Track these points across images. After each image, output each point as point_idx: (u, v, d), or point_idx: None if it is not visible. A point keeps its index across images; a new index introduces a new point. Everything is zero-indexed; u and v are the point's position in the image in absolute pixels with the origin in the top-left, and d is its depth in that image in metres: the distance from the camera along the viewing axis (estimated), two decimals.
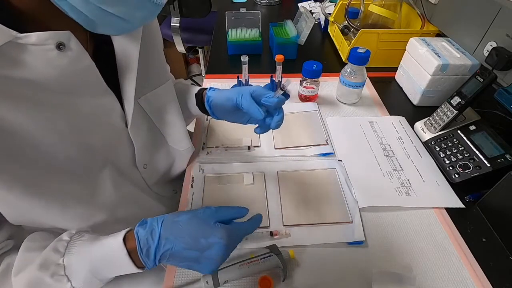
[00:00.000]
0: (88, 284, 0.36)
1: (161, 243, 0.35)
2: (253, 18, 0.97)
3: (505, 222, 0.50)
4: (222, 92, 0.54)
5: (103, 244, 0.37)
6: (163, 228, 0.36)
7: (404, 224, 0.52)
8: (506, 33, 0.58)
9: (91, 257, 0.36)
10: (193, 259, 0.36)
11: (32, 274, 0.35)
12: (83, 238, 0.38)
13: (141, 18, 0.33)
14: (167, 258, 0.36)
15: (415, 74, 0.75)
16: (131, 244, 0.36)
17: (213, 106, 0.54)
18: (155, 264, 0.36)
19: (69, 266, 0.36)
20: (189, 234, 0.36)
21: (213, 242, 0.36)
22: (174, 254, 0.36)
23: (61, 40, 0.32)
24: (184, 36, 1.54)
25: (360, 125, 0.70)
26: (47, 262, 0.36)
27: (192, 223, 0.37)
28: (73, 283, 0.35)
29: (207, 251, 0.36)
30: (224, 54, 0.97)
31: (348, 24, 0.93)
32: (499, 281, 0.45)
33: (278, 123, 0.47)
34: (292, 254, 0.46)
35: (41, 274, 0.35)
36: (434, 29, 0.84)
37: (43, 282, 0.35)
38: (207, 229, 0.37)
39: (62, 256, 0.36)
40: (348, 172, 0.59)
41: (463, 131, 0.61)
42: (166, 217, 0.38)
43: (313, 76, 0.71)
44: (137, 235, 0.36)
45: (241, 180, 0.58)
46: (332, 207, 0.54)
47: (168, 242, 0.35)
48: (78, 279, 0.35)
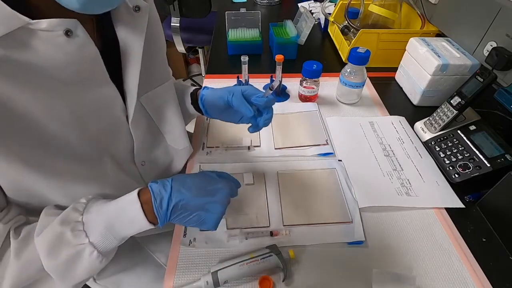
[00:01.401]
0: (104, 239, 0.38)
1: (173, 193, 0.39)
2: (253, 18, 0.97)
3: (505, 222, 0.50)
4: (215, 91, 0.55)
5: (118, 200, 0.40)
6: (174, 182, 0.40)
7: (404, 224, 0.52)
8: (506, 33, 0.58)
9: (107, 212, 0.39)
10: (201, 207, 0.40)
11: (53, 230, 0.37)
12: (100, 200, 0.41)
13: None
14: (179, 209, 0.39)
15: (415, 74, 0.75)
16: (145, 197, 0.39)
17: (206, 104, 0.56)
18: (167, 218, 0.39)
19: (87, 223, 0.38)
20: (197, 185, 0.42)
21: (218, 188, 0.43)
22: (185, 204, 0.39)
23: (69, 27, 0.34)
24: (184, 36, 1.54)
25: (360, 125, 0.71)
26: (67, 218, 0.38)
27: (198, 177, 0.43)
28: (91, 239, 0.37)
29: (214, 196, 0.41)
30: (224, 54, 0.97)
31: (348, 24, 0.93)
32: (499, 281, 0.45)
33: (267, 122, 0.51)
34: (292, 254, 0.46)
35: (62, 229, 0.37)
36: (434, 29, 0.84)
37: (63, 237, 0.37)
38: (212, 180, 0.44)
39: (81, 214, 0.38)
40: (348, 172, 0.59)
41: (463, 131, 0.61)
42: (175, 176, 0.42)
43: (313, 76, 0.71)
44: (151, 188, 0.39)
45: (241, 180, 0.58)
46: (332, 207, 0.54)
47: (179, 192, 0.40)
48: (95, 235, 0.38)
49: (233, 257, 0.46)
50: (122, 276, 0.58)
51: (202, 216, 0.41)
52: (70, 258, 0.37)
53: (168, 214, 0.39)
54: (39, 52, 0.33)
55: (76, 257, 0.37)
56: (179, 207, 0.39)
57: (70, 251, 0.37)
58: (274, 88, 0.49)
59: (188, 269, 0.46)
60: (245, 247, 0.48)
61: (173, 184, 0.40)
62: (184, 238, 0.49)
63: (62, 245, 0.37)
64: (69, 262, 0.38)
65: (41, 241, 0.38)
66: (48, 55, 0.33)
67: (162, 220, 0.39)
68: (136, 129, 0.47)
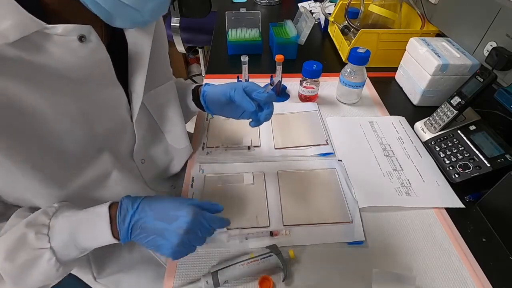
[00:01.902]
0: (66, 246, 0.37)
1: (137, 211, 0.38)
2: (253, 18, 0.97)
3: (505, 222, 0.50)
4: (216, 87, 0.56)
5: (89, 210, 0.39)
6: (143, 200, 0.40)
7: (404, 224, 0.52)
8: (506, 33, 0.58)
9: (75, 220, 0.38)
10: (159, 231, 0.38)
11: (18, 231, 0.37)
12: (72, 207, 0.41)
13: (152, 8, 0.36)
14: (139, 228, 0.38)
15: (415, 74, 0.75)
16: (114, 211, 0.39)
17: (208, 100, 0.57)
18: (128, 236, 0.38)
19: (53, 227, 0.37)
20: (163, 206, 0.40)
21: (179, 215, 0.39)
22: (143, 224, 0.38)
23: (82, 33, 0.35)
24: (184, 36, 1.54)
25: (360, 125, 0.70)
26: (35, 221, 0.38)
27: (169, 200, 0.41)
28: (52, 244, 0.37)
29: (173, 223, 0.38)
30: (224, 54, 0.97)
31: (348, 24, 0.93)
32: (499, 281, 0.45)
33: (267, 116, 0.52)
34: (292, 254, 0.46)
35: (26, 230, 0.36)
36: (434, 29, 0.84)
37: (26, 239, 0.36)
38: (179, 205, 0.40)
39: (50, 218, 0.38)
40: (348, 172, 0.59)
41: (463, 131, 0.61)
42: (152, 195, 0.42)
43: (313, 76, 0.71)
44: (121, 202, 0.39)
45: (241, 180, 0.58)
46: (332, 207, 0.54)
47: (143, 212, 0.39)
48: (58, 240, 0.37)
49: (233, 257, 0.46)
50: (122, 276, 0.58)
51: (157, 241, 0.38)
52: (27, 262, 0.36)
53: (129, 232, 0.38)
54: (53, 55, 0.34)
55: (33, 262, 0.36)
56: (139, 226, 0.38)
57: (29, 254, 0.36)
58: (274, 84, 0.50)
59: (188, 269, 0.46)
60: (245, 247, 0.48)
61: (142, 202, 0.39)
62: None
63: (22, 247, 0.36)
64: (26, 266, 0.36)
65: (2, 241, 0.37)
66: (61, 58, 0.35)
67: (123, 237, 0.38)
68: (139, 127, 0.48)
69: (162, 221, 0.38)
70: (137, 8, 0.34)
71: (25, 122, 0.34)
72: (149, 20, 0.38)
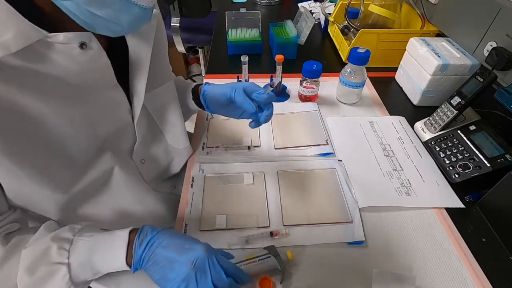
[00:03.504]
0: (82, 266, 0.37)
1: (155, 237, 0.38)
2: (253, 18, 0.97)
3: (505, 222, 0.50)
4: (216, 86, 0.56)
5: (111, 232, 0.40)
6: (165, 230, 0.40)
7: (404, 224, 0.52)
8: (506, 33, 0.58)
9: (95, 239, 0.39)
10: (169, 261, 0.37)
11: (43, 243, 0.38)
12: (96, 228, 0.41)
13: (129, 21, 0.35)
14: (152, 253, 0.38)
15: (415, 74, 0.75)
16: (133, 236, 0.39)
17: (208, 100, 0.57)
18: (140, 261, 0.38)
19: (75, 243, 0.38)
20: (180, 237, 0.40)
21: (191, 248, 0.38)
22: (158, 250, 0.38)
23: (83, 40, 0.36)
24: (184, 36, 1.54)
25: (360, 125, 0.70)
26: (59, 235, 0.38)
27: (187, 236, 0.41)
28: (70, 259, 0.37)
29: (183, 255, 0.37)
30: (224, 54, 0.97)
31: (348, 24, 0.93)
32: (499, 281, 0.45)
33: (267, 118, 0.52)
34: (290, 255, 0.46)
35: (51, 244, 0.37)
36: (434, 29, 0.83)
37: (49, 251, 0.37)
38: (196, 241, 0.40)
39: (74, 235, 0.39)
40: (348, 172, 0.59)
41: (463, 131, 0.61)
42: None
43: (313, 76, 0.71)
44: (142, 227, 0.40)
45: (241, 180, 0.58)
46: (332, 207, 0.54)
47: (160, 238, 0.39)
48: (76, 257, 0.37)
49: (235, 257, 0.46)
50: (122, 276, 0.58)
51: (166, 272, 0.37)
52: (44, 276, 0.36)
53: (142, 257, 0.37)
54: (55, 63, 0.35)
55: (50, 276, 0.37)
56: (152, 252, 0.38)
57: (48, 268, 0.37)
58: (274, 86, 0.50)
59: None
60: (245, 247, 0.48)
61: (162, 231, 0.40)
62: None
63: (44, 260, 0.37)
64: (42, 281, 0.37)
65: (27, 253, 0.37)
66: (63, 65, 0.35)
67: (135, 261, 0.38)
68: (139, 129, 0.48)
69: (174, 251, 0.38)
70: (113, 21, 0.34)
71: (30, 128, 0.35)
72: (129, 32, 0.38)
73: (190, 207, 0.54)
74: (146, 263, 0.38)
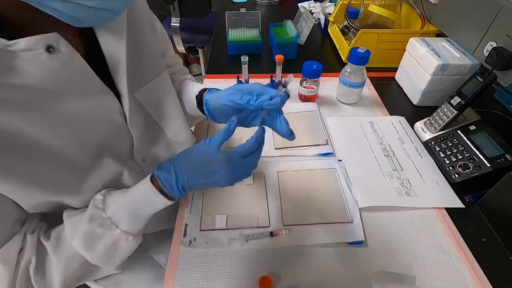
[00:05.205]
0: (133, 224, 0.42)
1: (178, 178, 0.41)
2: (253, 18, 0.97)
3: (505, 222, 0.50)
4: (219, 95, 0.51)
5: (134, 191, 0.42)
6: (175, 166, 0.41)
7: (404, 224, 0.52)
8: (506, 33, 0.58)
9: (127, 203, 0.42)
10: (207, 183, 0.42)
11: (84, 229, 0.40)
12: (114, 193, 0.43)
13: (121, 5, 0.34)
14: (188, 186, 0.41)
15: (415, 74, 0.75)
16: (156, 185, 0.41)
17: (212, 111, 0.53)
18: (181, 194, 0.42)
19: (112, 216, 0.41)
20: (196, 165, 0.42)
21: (216, 168, 0.41)
22: (190, 184, 0.41)
23: (49, 43, 0.32)
24: (184, 36, 1.54)
25: (360, 125, 0.71)
26: (93, 216, 0.40)
27: (196, 156, 0.43)
28: (122, 228, 0.41)
29: (213, 177, 0.41)
30: (224, 54, 0.97)
31: (348, 24, 0.93)
32: (499, 281, 0.45)
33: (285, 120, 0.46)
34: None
35: (91, 227, 0.40)
36: (434, 29, 0.84)
37: (95, 233, 0.40)
38: (209, 156, 0.42)
39: (103, 210, 0.40)
40: (348, 172, 0.59)
41: (463, 131, 0.61)
42: (176, 157, 0.43)
43: (313, 76, 0.71)
44: (159, 178, 0.41)
45: None
46: (332, 207, 0.54)
47: (181, 176, 0.41)
48: (124, 224, 0.41)
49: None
50: (122, 276, 0.58)
51: (211, 185, 0.42)
52: (109, 248, 0.41)
53: (181, 191, 0.41)
54: (24, 73, 0.32)
55: (114, 246, 0.41)
56: (187, 186, 0.41)
57: (107, 241, 0.40)
58: (287, 85, 0.43)
59: (188, 270, 0.46)
60: (245, 247, 0.48)
61: (175, 169, 0.41)
62: (184, 238, 0.49)
63: (96, 239, 0.40)
64: (109, 251, 0.41)
65: (77, 241, 0.40)
66: (33, 75, 0.32)
67: (178, 196, 0.42)
68: (135, 128, 0.46)
69: (204, 178, 0.41)
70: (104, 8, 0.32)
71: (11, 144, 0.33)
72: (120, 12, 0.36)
73: (190, 207, 0.54)
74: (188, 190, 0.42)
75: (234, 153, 0.42)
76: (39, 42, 0.31)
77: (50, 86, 0.34)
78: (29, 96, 0.33)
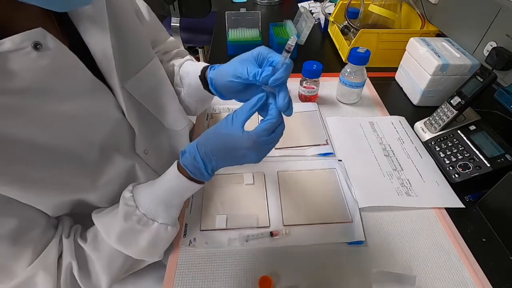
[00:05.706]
0: (169, 215, 0.43)
1: (205, 162, 0.41)
2: (253, 18, 0.97)
3: (505, 222, 0.50)
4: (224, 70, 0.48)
5: (163, 182, 0.43)
6: (201, 152, 0.41)
7: (404, 224, 0.52)
8: (506, 33, 0.58)
9: (158, 196, 0.42)
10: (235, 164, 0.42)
11: (121, 227, 0.40)
12: (141, 187, 0.44)
13: None
14: (217, 168, 0.42)
15: (415, 74, 0.75)
16: (184, 173, 0.42)
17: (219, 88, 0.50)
18: (210, 176, 0.43)
19: (148, 213, 0.41)
20: (222, 149, 0.41)
21: (244, 153, 0.40)
22: (219, 166, 0.42)
23: (36, 40, 0.31)
24: (184, 36, 1.54)
25: (360, 125, 0.71)
26: (127, 214, 0.41)
27: (220, 139, 0.41)
28: (160, 221, 0.42)
29: (243, 159, 0.41)
30: (224, 54, 0.97)
31: (348, 24, 0.93)
32: (499, 281, 0.45)
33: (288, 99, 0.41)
34: None
35: (128, 224, 0.40)
36: (434, 29, 0.84)
37: (134, 229, 0.41)
38: (235, 141, 0.39)
39: (136, 208, 0.41)
40: (348, 172, 0.59)
41: (463, 131, 0.61)
42: (199, 140, 0.42)
43: (313, 76, 0.71)
44: (185, 166, 0.41)
45: (241, 180, 0.58)
46: (332, 207, 0.54)
47: (209, 160, 0.41)
48: (161, 217, 0.42)
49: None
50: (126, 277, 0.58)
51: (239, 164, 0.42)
52: (151, 241, 0.42)
53: (211, 174, 0.42)
54: (14, 75, 0.30)
55: (155, 238, 0.42)
56: (216, 168, 0.42)
57: (148, 236, 0.41)
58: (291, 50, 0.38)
59: (188, 270, 0.46)
60: (245, 247, 0.48)
61: (202, 155, 0.41)
62: (184, 238, 0.49)
63: (136, 235, 0.41)
64: (151, 244, 0.42)
65: (113, 240, 0.40)
66: (25, 75, 0.31)
67: (207, 179, 0.43)
68: (133, 120, 0.45)
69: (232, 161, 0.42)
70: None
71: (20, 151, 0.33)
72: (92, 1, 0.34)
73: (190, 207, 0.54)
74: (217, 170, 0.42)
75: (260, 134, 0.39)
76: (25, 40, 0.30)
77: (43, 86, 0.33)
78: (23, 100, 0.32)
